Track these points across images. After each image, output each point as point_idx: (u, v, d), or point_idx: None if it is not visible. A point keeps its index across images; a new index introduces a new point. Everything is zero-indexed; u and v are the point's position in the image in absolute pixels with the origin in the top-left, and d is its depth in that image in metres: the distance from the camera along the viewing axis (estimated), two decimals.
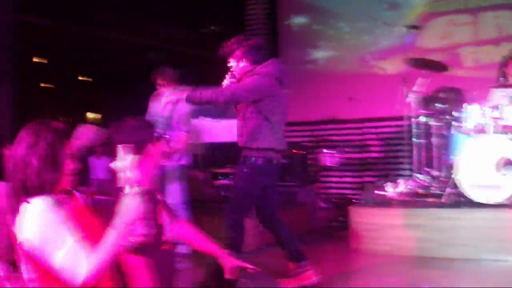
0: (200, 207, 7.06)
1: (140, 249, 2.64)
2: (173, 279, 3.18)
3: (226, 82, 4.66)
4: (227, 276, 3.18)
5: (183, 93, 4.30)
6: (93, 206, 2.64)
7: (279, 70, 4.54)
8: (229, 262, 3.22)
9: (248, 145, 4.46)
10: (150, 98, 6.04)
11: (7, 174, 2.50)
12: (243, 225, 4.56)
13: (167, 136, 4.71)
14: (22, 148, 2.42)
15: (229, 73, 4.67)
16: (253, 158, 4.43)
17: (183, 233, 3.34)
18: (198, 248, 3.44)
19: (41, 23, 10.07)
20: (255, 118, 4.44)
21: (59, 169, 2.43)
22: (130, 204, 2.36)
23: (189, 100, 4.30)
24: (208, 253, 3.42)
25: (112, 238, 2.32)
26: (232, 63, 4.60)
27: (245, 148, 4.49)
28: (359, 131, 9.08)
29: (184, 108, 5.14)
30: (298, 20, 10.47)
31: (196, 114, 5.99)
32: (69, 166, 2.49)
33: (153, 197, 3.07)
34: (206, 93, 4.32)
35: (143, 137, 3.02)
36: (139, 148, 2.95)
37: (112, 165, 2.42)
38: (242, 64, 4.56)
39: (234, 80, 4.63)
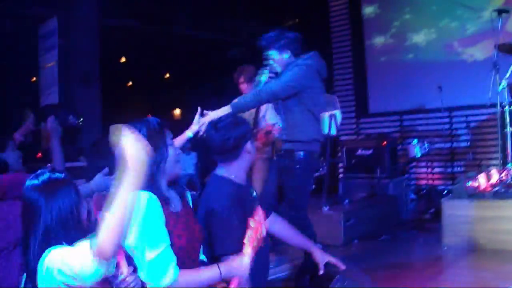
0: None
1: None
2: (267, 274, 3.24)
3: (263, 76, 4.58)
4: (321, 272, 3.20)
5: (225, 109, 4.19)
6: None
7: (319, 63, 4.51)
8: (322, 258, 3.24)
9: (292, 138, 4.42)
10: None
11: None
12: (306, 221, 4.45)
13: (257, 131, 4.75)
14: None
15: (266, 66, 4.60)
16: (298, 153, 4.38)
17: (277, 228, 3.39)
18: (291, 243, 3.48)
19: (122, 24, 10.38)
20: (297, 111, 4.41)
21: (164, 159, 2.55)
22: (242, 265, 2.53)
23: (235, 111, 4.21)
24: (301, 248, 3.45)
25: (211, 277, 2.49)
26: (272, 55, 4.57)
27: (289, 141, 4.44)
28: (448, 120, 8.85)
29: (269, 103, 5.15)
30: (382, 9, 10.30)
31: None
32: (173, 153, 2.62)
33: (250, 194, 3.13)
34: (248, 98, 4.35)
35: (242, 134, 3.07)
36: (238, 145, 3.01)
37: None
38: (283, 56, 4.53)
39: (272, 74, 4.55)
